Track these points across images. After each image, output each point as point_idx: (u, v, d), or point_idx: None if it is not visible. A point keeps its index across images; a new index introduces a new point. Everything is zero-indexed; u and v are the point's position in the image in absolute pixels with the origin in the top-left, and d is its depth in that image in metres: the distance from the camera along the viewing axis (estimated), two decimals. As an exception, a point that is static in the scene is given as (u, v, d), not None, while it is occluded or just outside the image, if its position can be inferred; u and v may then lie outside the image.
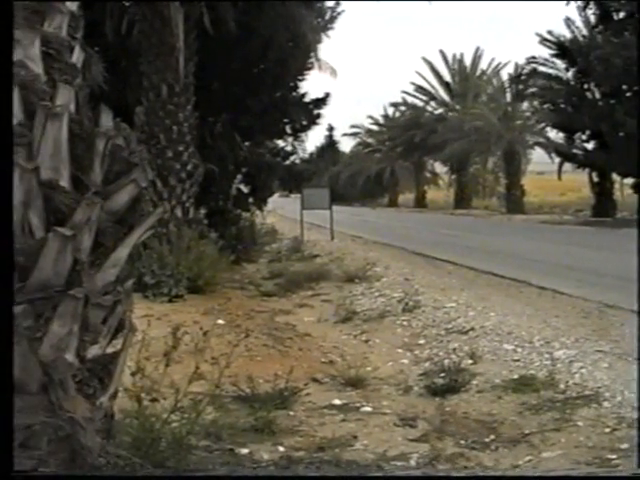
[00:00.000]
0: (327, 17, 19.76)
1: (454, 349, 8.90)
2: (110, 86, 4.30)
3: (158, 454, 4.60)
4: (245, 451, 5.53)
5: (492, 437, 5.90)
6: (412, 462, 5.33)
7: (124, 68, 14.98)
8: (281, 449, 5.64)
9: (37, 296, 3.44)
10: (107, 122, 3.86)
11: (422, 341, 9.71)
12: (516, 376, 7.49)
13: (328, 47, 49.34)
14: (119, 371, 3.89)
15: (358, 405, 6.88)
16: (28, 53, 3.65)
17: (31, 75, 3.65)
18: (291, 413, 6.53)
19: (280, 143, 23.04)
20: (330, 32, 19.97)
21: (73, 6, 3.96)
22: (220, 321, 10.07)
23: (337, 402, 6.96)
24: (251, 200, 21.66)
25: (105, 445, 3.73)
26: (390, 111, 76.05)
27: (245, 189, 21.21)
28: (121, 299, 3.84)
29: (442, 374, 7.57)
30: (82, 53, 3.99)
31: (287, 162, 23.44)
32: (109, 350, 3.81)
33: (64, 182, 3.62)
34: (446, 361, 8.15)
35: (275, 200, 31.81)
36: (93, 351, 3.69)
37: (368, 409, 6.77)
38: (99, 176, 3.74)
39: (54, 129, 3.56)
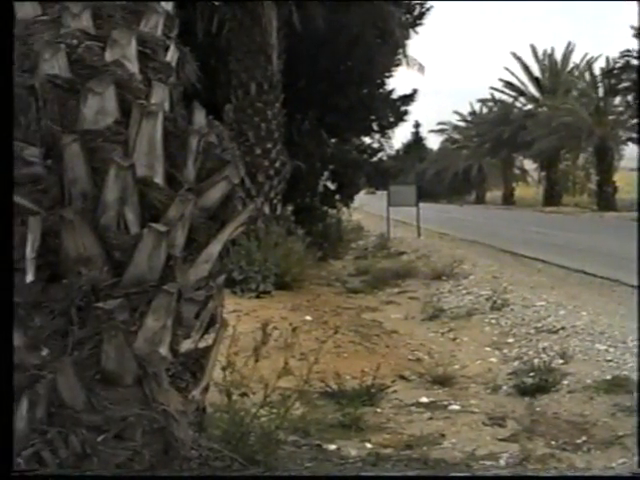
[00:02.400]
0: (416, 13, 19.65)
1: (544, 348, 8.76)
2: (200, 84, 4.34)
3: (247, 448, 4.64)
4: (332, 447, 5.55)
5: (584, 438, 5.79)
6: (501, 462, 5.27)
7: (213, 67, 15.16)
8: (368, 446, 5.64)
9: (132, 290, 3.51)
10: (200, 120, 3.92)
11: (511, 340, 9.59)
12: (609, 377, 7.33)
13: (416, 43, 48.94)
14: (211, 365, 3.94)
15: (446, 403, 6.83)
16: (125, 52, 3.72)
17: (127, 74, 3.72)
18: (378, 410, 6.53)
19: (367, 140, 23.05)
20: (419, 28, 19.84)
21: (168, 6, 4.02)
22: (307, 317, 10.14)
23: (424, 400, 6.92)
24: (338, 197, 21.73)
25: (197, 438, 3.79)
26: (477, 107, 75.31)
27: (332, 186, 21.27)
28: (213, 294, 3.88)
29: (531, 373, 7.46)
30: (176, 52, 4.05)
31: (374, 159, 23.41)
32: (201, 344, 3.86)
33: (158, 179, 3.68)
34: (536, 360, 8.02)
35: (361, 197, 31.86)
36: (186, 345, 3.74)
37: (456, 407, 6.72)
38: (192, 173, 3.79)
39: (149, 127, 3.62)
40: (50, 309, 3.48)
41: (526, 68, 63.65)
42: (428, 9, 19.90)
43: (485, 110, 73.82)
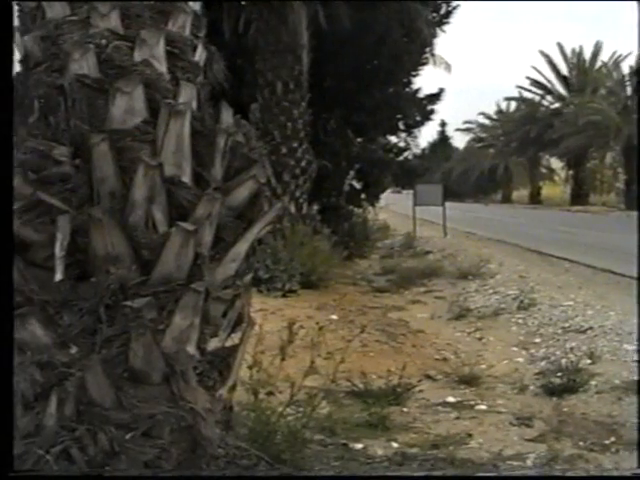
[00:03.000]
0: (442, 12, 19.59)
1: (571, 348, 8.69)
2: (227, 84, 4.35)
3: (274, 447, 4.64)
4: (359, 446, 5.53)
5: (612, 439, 5.73)
6: (529, 462, 5.23)
7: (240, 66, 15.20)
8: (395, 445, 5.61)
9: (160, 289, 3.53)
10: (227, 119, 3.93)
11: (538, 340, 9.52)
12: (637, 377, 7.26)
13: (443, 42, 48.83)
14: (238, 364, 3.95)
15: (472, 403, 6.80)
16: (153, 52, 3.75)
17: (155, 74, 3.74)
18: (404, 409, 6.50)
19: (393, 139, 23.02)
20: (445, 27, 19.79)
21: (196, 6, 4.04)
22: (333, 316, 10.13)
23: (451, 399, 6.89)
24: (363, 196, 21.72)
25: (224, 436, 3.80)
26: (504, 106, 74.96)
27: (358, 185, 21.26)
28: (240, 293, 3.90)
29: (559, 374, 7.39)
30: (204, 51, 4.07)
31: (400, 158, 23.36)
32: (228, 343, 3.87)
33: (186, 178, 3.70)
34: (563, 360, 7.96)
35: (387, 196, 31.81)
36: (213, 344, 3.75)
37: (483, 407, 6.68)
38: (220, 172, 3.81)
39: (177, 126, 3.64)
40: (79, 307, 3.51)
41: (554, 66, 63.32)
42: (455, 7, 19.85)
43: (512, 109, 73.46)
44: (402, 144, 23.04)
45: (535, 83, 65.48)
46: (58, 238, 3.44)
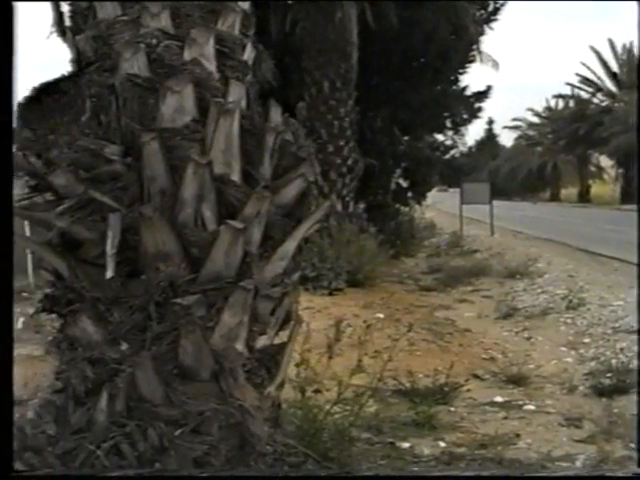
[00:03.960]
0: (490, 9, 19.44)
1: (622, 349, 8.58)
2: (275, 82, 4.37)
3: (321, 444, 4.65)
4: (406, 445, 5.52)
5: (664, 441, 5.65)
6: (578, 463, 5.17)
7: (286, 65, 15.23)
8: (442, 445, 5.59)
9: (209, 287, 3.55)
10: (276, 117, 3.94)
11: (587, 340, 9.42)
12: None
13: (491, 39, 48.43)
14: (286, 362, 3.96)
15: (521, 403, 6.74)
16: (203, 51, 3.77)
17: (205, 73, 3.76)
18: (452, 409, 6.47)
19: (439, 137, 22.92)
20: (493, 24, 19.62)
21: (245, 5, 4.06)
22: (380, 315, 10.11)
23: (499, 399, 6.85)
24: (410, 194, 21.65)
25: (272, 434, 3.81)
26: (553, 103, 74.19)
27: (404, 183, 21.20)
28: (288, 291, 3.91)
29: (609, 374, 7.31)
30: (253, 50, 4.08)
31: (446, 156, 23.25)
32: (276, 341, 3.89)
33: (235, 176, 3.71)
34: (613, 361, 7.87)
35: (434, 194, 31.64)
36: (261, 341, 3.77)
37: (531, 407, 6.63)
38: (268, 170, 3.82)
39: (226, 125, 3.66)
40: (129, 304, 3.55)
41: (604, 63, 62.47)
42: (502, 4, 19.69)
43: (561, 106, 72.64)
44: (449, 142, 22.96)
45: (585, 80, 64.65)
46: (109, 236, 3.48)
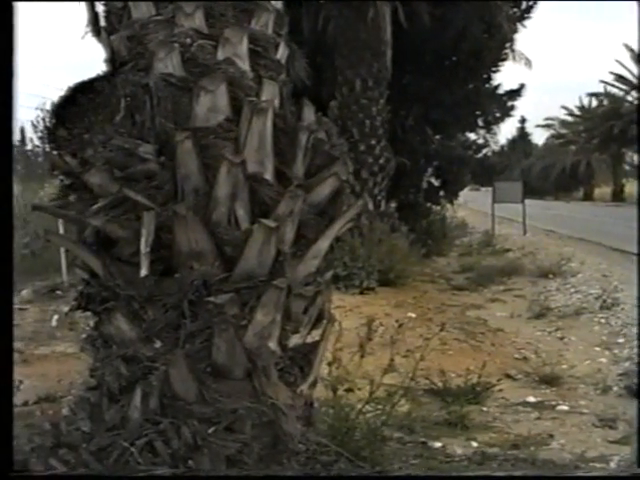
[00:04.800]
0: (523, 7, 19.30)
1: (656, 349, 8.50)
2: (308, 81, 4.39)
3: (352, 443, 4.64)
4: (438, 445, 5.50)
5: (699, 443, 5.59)
6: (612, 465, 5.13)
7: (319, 64, 15.23)
8: (474, 444, 5.57)
9: (242, 285, 3.56)
10: (309, 116, 3.94)
11: (621, 340, 9.33)
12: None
13: (524, 37, 48.07)
14: (318, 360, 3.96)
15: (554, 403, 6.70)
16: (236, 51, 3.78)
17: (239, 72, 3.78)
18: (484, 409, 6.45)
19: (472, 136, 22.80)
20: (526, 22, 19.47)
21: (278, 4, 4.06)
22: (411, 314, 10.09)
23: (531, 399, 6.81)
24: (442, 193, 21.56)
25: (305, 432, 3.82)
26: (586, 101, 73.54)
27: (436, 182, 21.12)
28: (321, 290, 3.91)
29: (643, 375, 7.25)
30: (286, 49, 4.09)
31: (478, 155, 23.11)
32: (309, 340, 3.89)
33: (268, 175, 3.72)
34: (648, 361, 7.80)
35: (465, 193, 31.47)
36: (294, 340, 3.78)
37: (564, 408, 6.58)
38: (301, 169, 3.82)
39: (259, 124, 3.67)
40: (163, 302, 3.57)
41: (638, 60, 61.77)
42: (536, 2, 19.54)
43: (594, 104, 71.98)
44: (481, 141, 22.82)
45: (619, 78, 64.02)
46: (143, 234, 3.50)
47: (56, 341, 8.75)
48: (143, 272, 3.48)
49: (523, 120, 76.97)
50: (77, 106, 3.74)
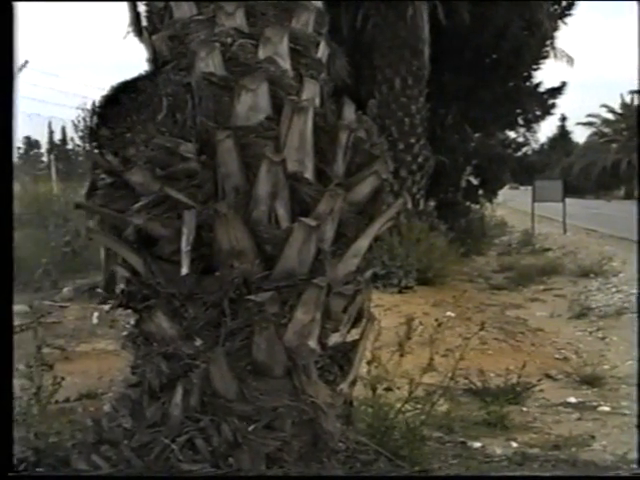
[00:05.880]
0: (564, 4, 19.12)
1: (700, 350, 8.37)
2: (349, 80, 4.40)
3: (392, 443, 4.63)
4: (477, 445, 5.47)
5: None
6: (655, 467, 5.07)
7: (357, 62, 15.22)
8: (514, 445, 5.53)
9: (283, 284, 3.57)
10: (350, 115, 3.93)
11: (665, 340, 9.22)
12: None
13: (565, 34, 47.61)
14: (358, 359, 3.96)
15: (595, 404, 6.64)
16: (277, 50, 3.78)
17: (279, 71, 3.78)
18: (524, 409, 6.41)
19: (511, 134, 22.63)
20: (567, 19, 19.30)
21: (319, 3, 4.06)
22: (450, 313, 10.03)
23: (572, 400, 6.75)
24: (481, 192, 21.45)
25: (344, 431, 3.82)
26: (628, 99, 72.68)
27: (475, 181, 21.01)
28: (361, 289, 3.90)
29: (688, 376, 7.14)
30: (327, 48, 4.08)
31: (518, 153, 22.94)
32: (349, 338, 3.89)
33: (308, 174, 3.72)
34: (693, 362, 7.68)
35: (505, 192, 31.28)
36: (334, 339, 3.77)
37: (606, 409, 6.52)
38: (342, 168, 3.81)
39: (300, 123, 3.67)
40: (203, 301, 3.59)
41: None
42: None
43: (636, 102, 71.11)
44: (521, 139, 22.64)
45: (661, 75, 63.22)
46: (184, 233, 3.52)
47: (97, 338, 8.84)
48: (184, 270, 3.49)
49: (564, 118, 76.31)
50: (119, 105, 3.77)
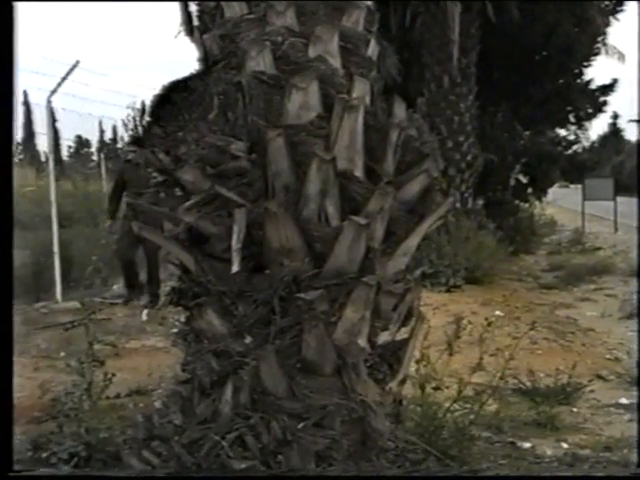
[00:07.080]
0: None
1: None
2: (399, 78, 4.39)
3: (441, 442, 4.62)
4: (527, 445, 5.43)
5: None
6: None
7: (406, 60, 15.19)
8: (565, 446, 5.48)
9: (332, 282, 3.57)
10: (400, 113, 3.92)
11: None
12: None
13: (616, 31, 46.93)
14: (408, 358, 3.95)
15: (647, 406, 6.54)
16: (327, 48, 3.79)
17: (330, 69, 3.78)
18: (574, 410, 6.34)
19: (562, 132, 22.40)
20: (619, 15, 19.02)
21: (369, 1, 4.06)
22: (499, 312, 9.96)
23: (624, 401, 6.66)
24: (530, 191, 21.27)
25: (394, 430, 3.81)
26: (681, 96, 71.52)
27: (524, 179, 20.84)
28: (411, 287, 3.89)
29: None
30: (377, 46, 4.08)
31: (569, 151, 22.70)
32: (398, 337, 3.88)
33: (358, 172, 3.72)
34: None
35: (554, 191, 30.96)
36: (383, 337, 3.76)
37: (658, 410, 6.42)
38: (392, 166, 3.80)
39: (350, 121, 3.66)
40: (253, 298, 3.60)
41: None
42: (629, -6, 19.08)
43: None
44: (572, 137, 22.39)
45: None
46: (235, 231, 3.53)
47: (146, 335, 8.93)
48: (234, 268, 3.51)
49: (616, 116, 75.21)
50: (171, 104, 3.81)
